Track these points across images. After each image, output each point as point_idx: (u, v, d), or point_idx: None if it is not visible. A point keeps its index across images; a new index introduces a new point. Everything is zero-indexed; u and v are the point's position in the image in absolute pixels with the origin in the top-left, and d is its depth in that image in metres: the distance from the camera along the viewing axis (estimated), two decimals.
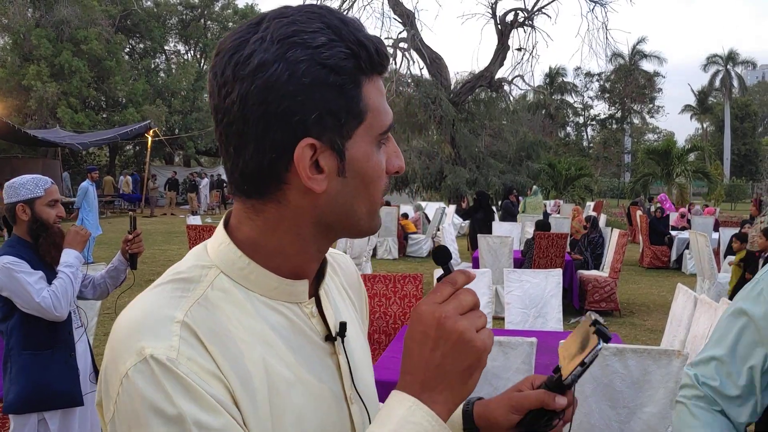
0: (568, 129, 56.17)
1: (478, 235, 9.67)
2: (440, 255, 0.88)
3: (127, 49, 36.74)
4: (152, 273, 11.54)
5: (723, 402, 1.40)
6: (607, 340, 0.90)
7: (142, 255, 3.54)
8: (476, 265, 9.10)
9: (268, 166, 0.81)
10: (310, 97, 0.79)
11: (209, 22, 40.79)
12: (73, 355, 3.10)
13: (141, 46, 38.66)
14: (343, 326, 0.94)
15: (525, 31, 24.41)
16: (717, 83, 57.93)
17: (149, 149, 27.03)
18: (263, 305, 0.86)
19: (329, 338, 0.93)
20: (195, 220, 11.65)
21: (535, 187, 17.76)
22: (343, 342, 0.94)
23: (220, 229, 0.90)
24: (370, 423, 0.96)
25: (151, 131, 25.87)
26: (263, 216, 0.85)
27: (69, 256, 3.05)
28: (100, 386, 0.80)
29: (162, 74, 37.69)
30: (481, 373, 0.82)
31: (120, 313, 0.84)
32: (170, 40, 40.37)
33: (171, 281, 0.84)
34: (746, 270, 7.53)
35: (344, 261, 1.12)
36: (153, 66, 38.08)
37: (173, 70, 37.84)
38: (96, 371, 3.40)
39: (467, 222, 20.57)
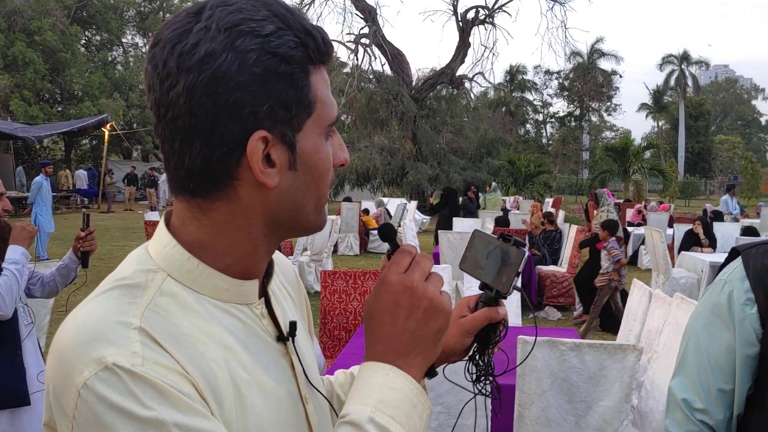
0: (528, 126, 56.82)
1: (439, 231, 9.72)
2: (386, 231, 0.93)
3: (83, 41, 35.95)
4: (109, 270, 11.17)
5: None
6: (525, 246, 1.00)
7: (97, 252, 3.46)
8: (437, 261, 9.14)
9: (218, 161, 0.78)
10: (261, 87, 0.76)
11: (168, 15, 40.14)
12: (19, 353, 3.01)
13: (98, 38, 37.88)
14: (293, 326, 0.92)
15: (486, 29, 24.64)
16: (672, 82, 59.23)
17: (106, 143, 26.52)
18: (214, 308, 0.83)
19: (281, 339, 0.91)
20: (153, 216, 11.44)
21: (494, 183, 17.91)
22: (293, 342, 0.92)
23: (162, 230, 0.85)
24: (329, 416, 0.98)
25: (108, 125, 25.36)
26: (211, 215, 0.82)
27: (15, 253, 2.97)
28: (48, 405, 0.75)
29: (119, 67, 36.97)
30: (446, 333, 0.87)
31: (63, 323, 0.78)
32: (128, 32, 39.62)
33: (116, 287, 0.79)
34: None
35: (281, 259, 1.08)
36: (110, 59, 37.35)
37: (131, 64, 37.14)
38: None
39: (428, 218, 20.67)
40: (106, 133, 25.63)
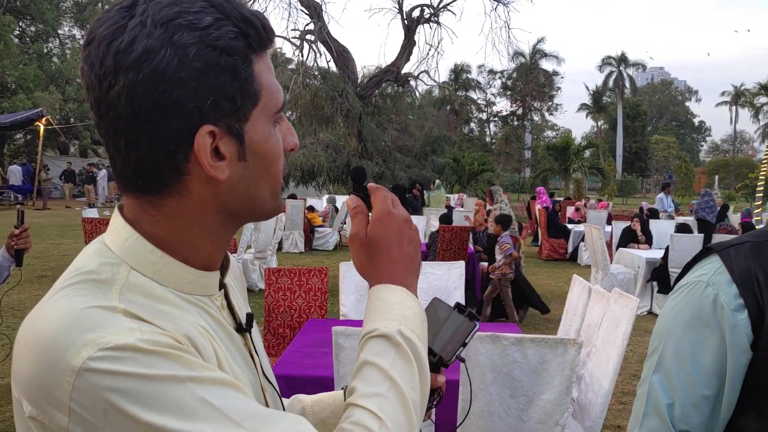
0: (472, 125, 57.44)
1: None
2: (359, 172, 1.04)
3: (17, 32, 34.62)
4: (44, 269, 10.97)
5: None
6: (478, 320, 1.06)
7: (32, 250, 3.35)
8: None
9: (166, 159, 0.77)
10: (203, 82, 0.75)
11: (106, 6, 38.94)
12: None
13: (32, 28, 36.57)
14: (249, 317, 0.96)
15: (431, 28, 24.77)
16: (611, 84, 60.82)
17: (41, 138, 25.65)
18: (180, 299, 0.82)
19: (239, 330, 0.93)
20: (91, 213, 11.15)
21: (437, 181, 18.05)
22: (251, 333, 0.95)
23: (120, 223, 0.83)
24: (282, 407, 0.99)
25: (44, 119, 24.50)
26: (163, 211, 0.81)
27: None
28: (24, 406, 0.70)
29: (56, 59, 35.80)
30: None
31: (21, 328, 0.73)
32: (65, 23, 38.41)
33: (82, 281, 0.76)
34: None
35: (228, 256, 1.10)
36: (46, 50, 36.12)
37: (68, 56, 36.00)
38: None
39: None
40: (42, 128, 24.78)
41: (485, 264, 9.54)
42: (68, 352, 0.67)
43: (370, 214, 0.98)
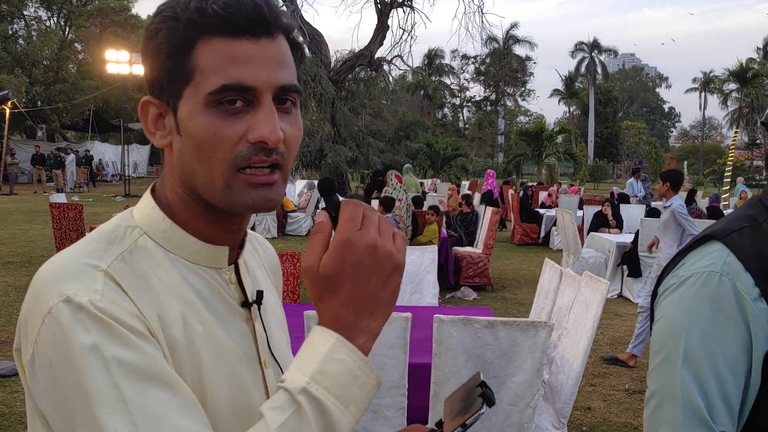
0: (446, 110, 57.57)
1: None
2: (326, 186, 0.95)
3: None
4: (11, 254, 10.78)
5: None
6: (491, 404, 0.92)
7: None
8: None
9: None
10: (149, 59, 0.87)
11: None
12: None
13: None
14: (259, 294, 0.98)
15: (404, 12, 24.67)
16: (582, 69, 61.21)
17: (7, 122, 25.11)
18: (183, 267, 0.90)
19: (246, 304, 0.96)
20: (59, 198, 10.94)
21: (407, 165, 18.02)
22: (259, 309, 0.98)
23: (147, 193, 0.94)
24: None
25: (9, 102, 23.99)
26: (164, 180, 0.93)
27: None
28: (18, 332, 0.83)
29: (21, 41, 34.94)
30: None
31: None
32: (30, 4, 37.42)
33: (95, 238, 0.87)
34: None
35: (266, 244, 1.17)
36: (11, 32, 35.22)
37: (34, 38, 35.18)
38: None
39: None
40: (7, 111, 24.26)
41: (458, 248, 9.59)
42: (47, 295, 0.78)
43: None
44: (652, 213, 9.74)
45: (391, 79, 27.71)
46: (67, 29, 37.83)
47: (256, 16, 0.84)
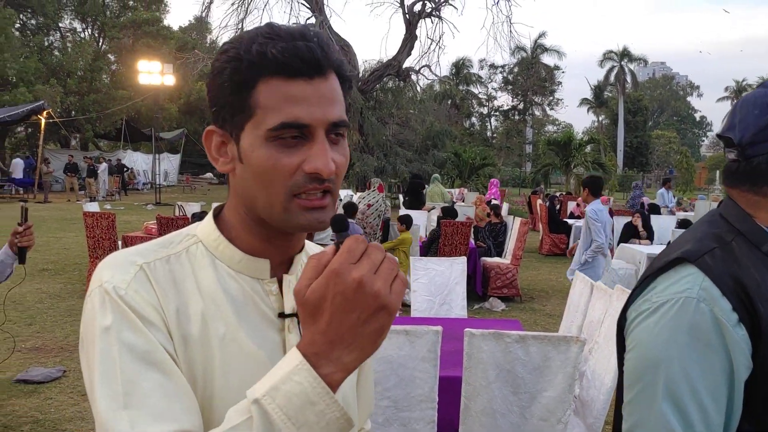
0: (473, 119, 57.36)
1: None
2: (338, 222, 0.98)
3: (18, 25, 34.51)
4: (45, 262, 10.97)
5: None
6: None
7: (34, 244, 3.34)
8: None
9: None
10: (214, 93, 0.98)
11: (108, 0, 38.93)
12: None
13: (33, 22, 36.41)
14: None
15: (432, 22, 24.74)
16: (612, 78, 60.64)
17: (42, 131, 25.61)
18: (227, 274, 1.01)
19: (282, 315, 1.03)
20: (92, 207, 11.12)
21: (435, 175, 18.00)
22: (299, 324, 1.03)
23: (210, 212, 1.08)
24: None
25: (45, 112, 24.47)
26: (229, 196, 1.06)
27: None
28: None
29: (57, 53, 35.65)
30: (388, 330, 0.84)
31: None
32: (65, 16, 38.21)
33: (157, 241, 1.02)
34: None
35: None
36: (47, 43, 35.98)
37: (69, 49, 35.89)
38: None
39: None
40: (43, 121, 24.75)
41: (487, 259, 9.55)
42: (94, 280, 0.94)
43: None
44: (684, 224, 9.60)
45: (418, 88, 27.75)
46: (101, 40, 38.52)
47: (310, 58, 0.94)
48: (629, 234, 10.57)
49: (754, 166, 1.21)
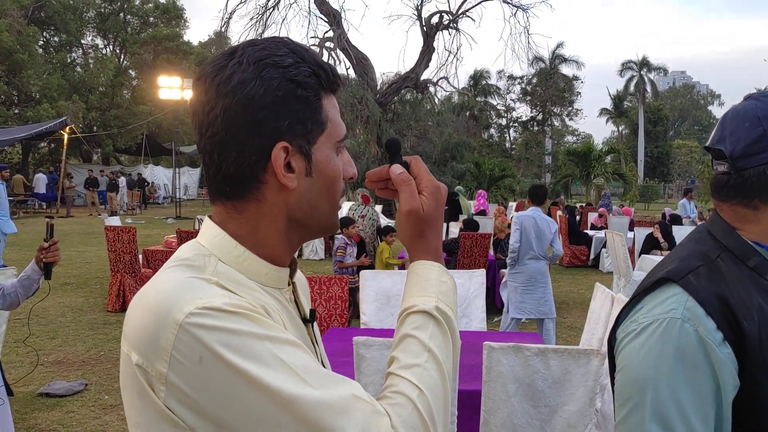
0: (492, 130, 57.22)
1: None
2: (393, 144, 1.09)
3: (41, 42, 35.11)
4: (68, 276, 11.09)
5: None
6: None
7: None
8: (403, 266, 9.15)
9: (249, 168, 0.95)
10: (282, 107, 0.94)
11: (129, 17, 39.51)
12: None
13: (56, 39, 37.04)
14: (312, 312, 1.11)
15: (450, 34, 24.77)
16: (632, 88, 60.27)
17: (65, 147, 25.96)
18: (258, 289, 0.98)
19: (305, 321, 1.08)
20: (113, 221, 11.24)
21: (458, 188, 18.02)
22: (313, 326, 1.11)
23: (211, 225, 1.01)
24: None
25: (68, 128, 24.82)
26: (245, 215, 0.99)
27: None
28: (132, 356, 0.86)
29: (79, 69, 36.20)
30: None
31: (139, 294, 0.91)
32: (87, 33, 38.84)
33: (180, 265, 0.94)
34: None
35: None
36: (69, 60, 36.56)
37: (91, 65, 36.43)
38: (5, 383, 3.22)
39: (393, 221, 20.60)
40: (66, 137, 25.10)
41: (505, 271, 9.49)
42: (173, 309, 0.83)
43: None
44: None
45: (436, 100, 27.77)
46: (122, 56, 39.08)
47: (339, 76, 1.02)
48: (651, 245, 10.47)
49: (746, 179, 1.21)
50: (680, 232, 11.35)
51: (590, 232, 14.52)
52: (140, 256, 8.88)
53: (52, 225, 3.32)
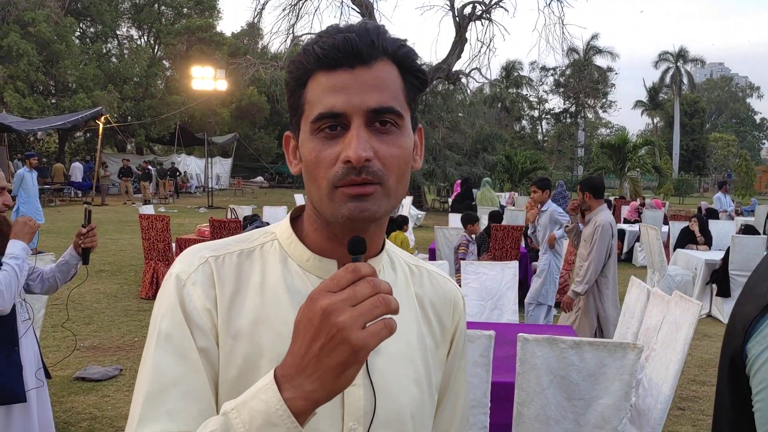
0: (524, 122, 56.79)
1: (435, 227, 9.71)
2: (353, 244, 0.85)
3: (78, 33, 35.65)
4: (103, 263, 11.27)
5: None
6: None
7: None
8: (433, 257, 9.13)
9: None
10: (287, 97, 1.01)
11: (163, 8, 39.92)
12: (16, 349, 2.98)
13: (92, 29, 37.60)
14: None
15: (483, 24, 24.54)
16: (667, 80, 59.27)
17: (100, 136, 26.36)
18: (295, 273, 1.03)
19: None
20: (147, 210, 11.37)
21: (485, 179, 17.85)
22: None
23: (293, 211, 1.12)
24: (373, 409, 1.00)
25: (103, 118, 25.19)
26: (306, 203, 1.07)
27: (15, 248, 2.93)
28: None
29: (114, 59, 36.72)
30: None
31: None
32: (123, 24, 39.33)
33: (237, 236, 1.09)
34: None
35: (442, 282, 1.19)
36: (104, 51, 37.10)
37: (126, 56, 36.91)
38: (44, 366, 3.28)
39: (423, 213, 20.62)
40: (101, 126, 25.47)
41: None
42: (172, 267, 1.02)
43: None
44: (748, 230, 9.29)
45: (468, 91, 27.61)
46: (156, 47, 39.51)
47: (349, 49, 0.93)
48: (686, 239, 10.29)
49: None
50: (716, 227, 11.14)
51: (623, 226, 14.32)
52: (173, 245, 8.98)
53: (89, 211, 3.36)
